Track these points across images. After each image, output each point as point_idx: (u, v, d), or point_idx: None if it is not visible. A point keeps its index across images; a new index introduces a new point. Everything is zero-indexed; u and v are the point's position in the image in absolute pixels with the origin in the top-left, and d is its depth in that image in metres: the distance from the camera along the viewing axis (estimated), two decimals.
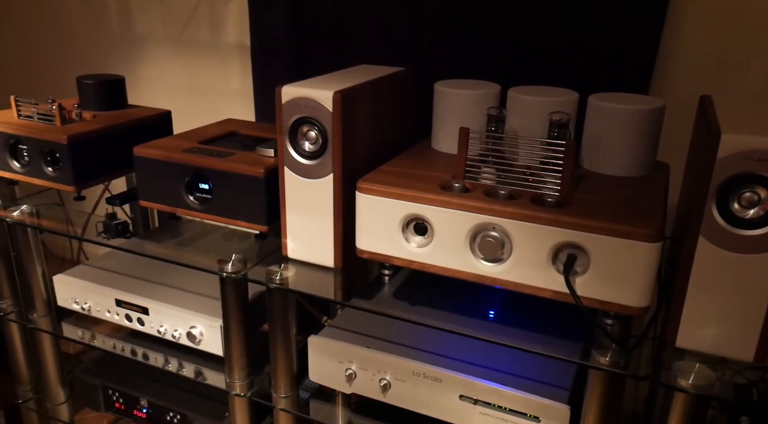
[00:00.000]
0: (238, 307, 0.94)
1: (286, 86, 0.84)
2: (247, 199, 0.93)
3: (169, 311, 1.04)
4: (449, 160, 0.90)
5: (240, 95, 1.67)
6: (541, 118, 0.86)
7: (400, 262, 0.83)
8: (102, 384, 1.18)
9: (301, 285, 0.89)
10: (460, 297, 0.94)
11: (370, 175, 0.85)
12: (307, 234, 0.90)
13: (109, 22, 1.80)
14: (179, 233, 1.19)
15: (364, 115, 0.89)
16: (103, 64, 1.85)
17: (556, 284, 0.74)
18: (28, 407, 1.28)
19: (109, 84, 1.21)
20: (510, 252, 0.76)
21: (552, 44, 1.16)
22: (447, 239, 0.78)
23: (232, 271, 0.91)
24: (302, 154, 0.86)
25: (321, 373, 0.93)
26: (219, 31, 1.64)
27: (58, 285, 1.15)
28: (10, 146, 1.10)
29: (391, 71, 0.99)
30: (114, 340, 1.15)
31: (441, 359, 0.87)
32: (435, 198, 0.78)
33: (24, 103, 1.12)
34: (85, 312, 1.13)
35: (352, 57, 1.33)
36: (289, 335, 0.93)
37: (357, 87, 0.86)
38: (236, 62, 1.64)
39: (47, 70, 1.99)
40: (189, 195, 0.98)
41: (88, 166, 1.08)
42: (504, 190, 0.79)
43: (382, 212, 0.81)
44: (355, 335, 0.93)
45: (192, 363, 1.09)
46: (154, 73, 1.78)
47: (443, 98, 0.94)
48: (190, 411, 1.11)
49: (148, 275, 1.16)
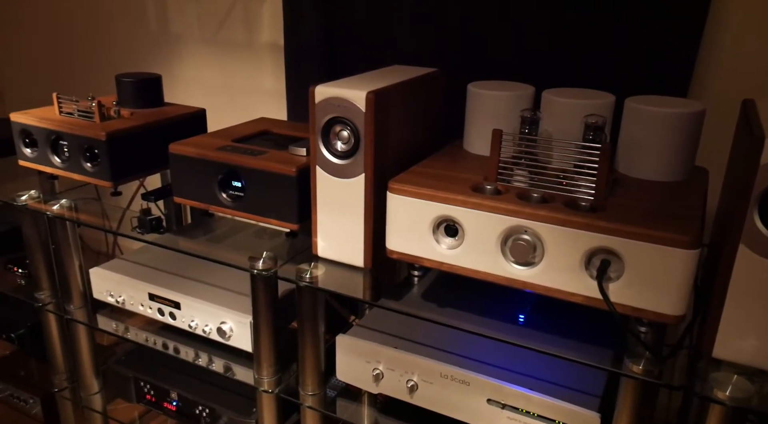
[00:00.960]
0: (268, 304, 0.95)
1: (319, 86, 0.85)
2: (278, 197, 0.94)
3: (201, 307, 1.06)
4: (481, 162, 0.90)
5: (273, 94, 1.69)
6: (575, 120, 0.84)
7: (430, 263, 0.83)
8: (134, 376, 1.21)
9: (330, 284, 0.89)
10: (489, 300, 0.94)
11: (401, 175, 0.84)
12: (337, 233, 0.91)
13: (147, 21, 1.83)
14: (211, 230, 1.20)
15: (396, 116, 0.89)
16: (140, 63, 1.89)
17: (589, 290, 0.73)
18: (64, 396, 1.31)
19: (147, 82, 1.23)
20: (542, 256, 0.75)
21: (588, 45, 1.14)
22: (478, 241, 0.78)
23: (262, 268, 0.92)
24: (334, 154, 0.86)
25: (348, 372, 0.93)
26: (253, 31, 1.66)
27: (94, 278, 1.18)
28: (51, 142, 1.13)
29: (424, 72, 0.99)
30: (146, 333, 1.17)
31: (469, 362, 0.87)
32: (466, 200, 0.77)
33: (65, 100, 1.15)
34: (120, 305, 1.16)
35: (384, 57, 1.33)
36: (317, 334, 0.94)
37: (390, 87, 0.86)
38: (269, 62, 1.66)
39: (87, 67, 2.04)
40: (222, 192, 0.99)
41: (124, 162, 1.11)
42: (537, 194, 0.78)
43: (413, 213, 0.81)
44: (382, 335, 0.93)
45: (221, 358, 1.10)
46: (189, 72, 1.81)
47: (476, 100, 0.93)
48: (219, 405, 1.12)
49: (180, 270, 1.18)
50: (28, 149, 1.16)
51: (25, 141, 1.16)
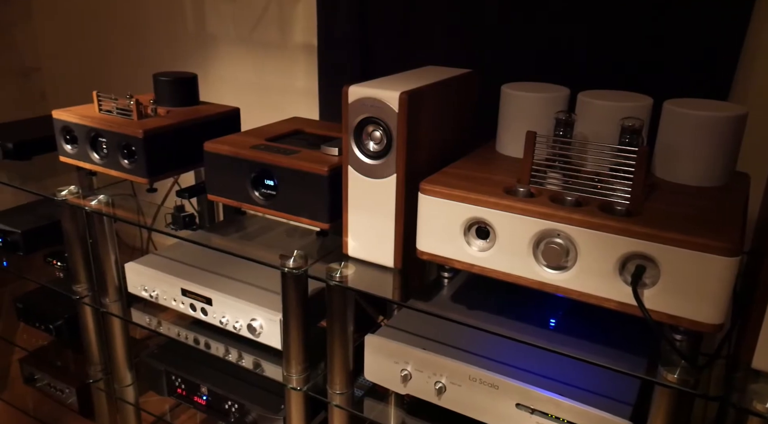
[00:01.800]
0: (298, 302, 0.96)
1: (353, 86, 0.85)
2: (310, 196, 0.94)
3: (232, 303, 1.07)
4: (514, 165, 0.89)
5: (305, 94, 1.70)
6: (612, 123, 0.83)
7: (460, 265, 0.82)
8: (166, 369, 1.23)
9: (360, 284, 0.90)
10: (520, 304, 0.93)
11: (433, 176, 0.84)
12: (368, 233, 0.91)
13: (184, 22, 1.87)
14: (243, 227, 1.22)
15: (429, 117, 0.88)
16: (177, 62, 1.93)
17: (622, 295, 0.72)
18: (98, 387, 1.34)
19: (183, 81, 1.26)
20: (575, 260, 0.74)
21: (625, 47, 1.12)
22: (509, 244, 0.77)
23: (293, 267, 0.93)
24: (366, 154, 0.87)
25: (376, 372, 0.93)
26: (287, 31, 1.67)
27: (129, 272, 1.20)
28: (91, 139, 1.15)
29: (457, 73, 0.98)
30: (179, 328, 1.20)
31: (498, 366, 0.86)
32: (499, 202, 0.77)
33: (105, 98, 1.17)
34: (153, 300, 1.18)
35: (417, 58, 1.33)
36: (346, 333, 0.94)
37: (423, 88, 0.86)
38: (302, 62, 1.67)
39: (126, 66, 2.09)
40: (255, 191, 1.00)
41: (160, 159, 1.13)
42: (570, 197, 0.77)
43: (444, 214, 0.81)
44: (411, 336, 0.93)
45: (251, 355, 1.11)
46: (224, 71, 1.84)
47: (510, 101, 0.92)
48: (248, 401, 1.14)
49: (212, 267, 1.19)
50: (68, 146, 1.20)
51: (66, 138, 1.19)
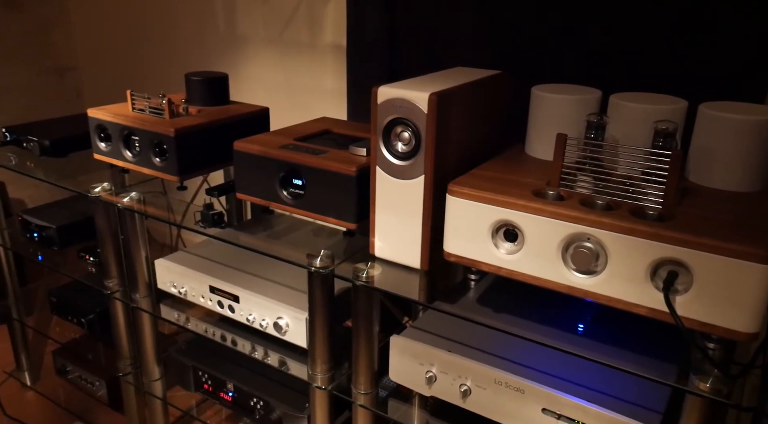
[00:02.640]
0: (324, 301, 0.96)
1: (382, 87, 0.85)
2: (338, 196, 0.95)
3: (258, 301, 1.08)
4: (544, 167, 0.88)
5: (333, 94, 1.71)
6: (644, 126, 0.82)
7: (488, 268, 0.82)
8: (193, 365, 1.25)
9: (386, 284, 0.90)
10: (547, 308, 0.92)
11: (461, 178, 0.84)
12: (395, 234, 0.91)
13: (215, 22, 1.89)
14: (271, 226, 1.23)
15: (458, 118, 0.88)
16: (208, 62, 1.95)
17: (653, 301, 0.71)
18: (127, 381, 1.37)
19: (214, 81, 1.27)
20: (605, 265, 0.73)
21: (659, 48, 1.10)
22: (538, 247, 0.76)
23: (320, 266, 0.93)
24: (395, 155, 0.87)
25: (401, 373, 0.93)
26: (316, 31, 1.68)
27: (159, 269, 1.22)
28: (124, 137, 1.18)
29: (487, 74, 0.98)
30: (206, 324, 1.21)
31: (524, 370, 0.85)
32: (528, 205, 0.76)
33: (138, 97, 1.20)
34: (182, 296, 1.20)
35: (447, 59, 1.33)
36: (371, 333, 0.94)
37: (452, 89, 0.86)
38: (331, 62, 1.68)
39: (159, 66, 2.12)
40: (283, 190, 1.01)
41: (191, 158, 1.14)
42: (601, 200, 0.76)
43: (472, 216, 0.80)
44: (437, 337, 0.93)
45: (276, 353, 1.12)
46: (253, 71, 1.86)
47: (540, 103, 0.91)
48: (273, 399, 1.15)
49: (240, 265, 1.21)
50: (102, 143, 1.22)
51: (100, 136, 1.22)
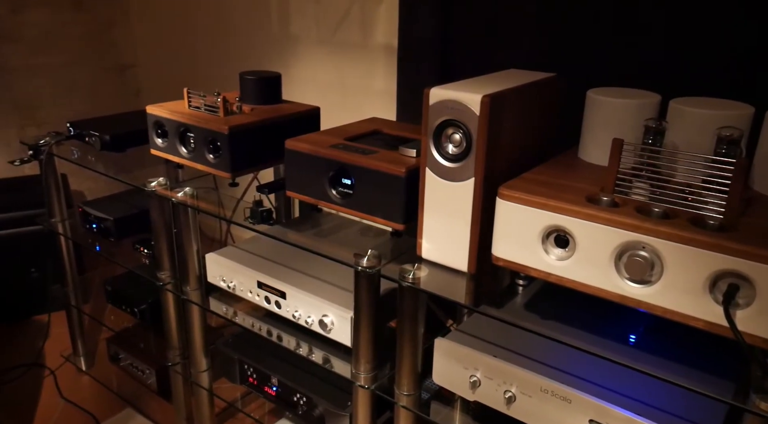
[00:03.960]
0: (370, 301, 0.96)
1: (434, 88, 0.85)
2: (386, 197, 0.95)
3: (305, 298, 1.09)
4: (597, 173, 0.86)
5: (383, 95, 1.71)
6: (706, 132, 0.79)
7: (537, 273, 0.80)
8: (239, 358, 1.27)
9: (432, 286, 0.89)
10: (597, 316, 0.90)
11: (512, 181, 0.83)
12: (442, 236, 0.90)
13: (269, 23, 1.93)
14: (318, 224, 1.24)
15: (510, 121, 0.87)
16: (261, 61, 1.99)
17: (712, 315, 0.68)
18: (176, 371, 1.41)
19: (267, 80, 1.30)
20: (660, 275, 0.71)
21: (723, 51, 1.06)
22: (590, 254, 0.74)
23: (367, 265, 0.93)
24: (445, 157, 0.86)
25: (445, 376, 0.93)
26: (368, 32, 1.69)
27: (209, 263, 1.25)
28: (180, 134, 1.21)
29: (541, 77, 0.96)
30: (253, 319, 1.23)
31: (571, 379, 0.83)
32: (580, 211, 0.74)
33: (194, 95, 1.23)
34: (230, 290, 1.22)
35: (500, 61, 1.31)
36: (416, 335, 0.94)
37: (505, 92, 0.84)
38: (382, 63, 1.69)
39: (215, 65, 2.18)
40: (332, 189, 1.02)
41: (243, 155, 1.17)
42: (658, 208, 0.74)
43: (523, 221, 0.79)
44: (482, 342, 0.92)
45: (321, 350, 1.13)
46: (305, 71, 1.88)
47: (596, 107, 0.89)
48: (316, 395, 1.16)
49: (287, 262, 1.22)
50: (159, 139, 1.26)
51: (157, 132, 1.26)
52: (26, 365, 1.78)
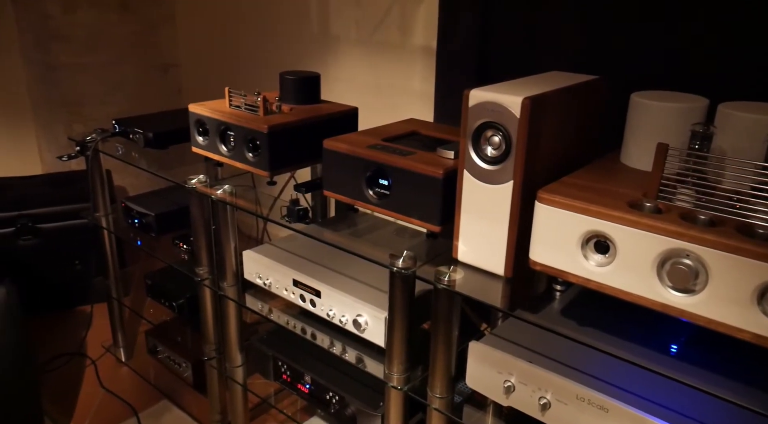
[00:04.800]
0: (404, 302, 0.96)
1: (474, 90, 0.84)
2: (423, 198, 0.95)
3: (340, 297, 1.10)
4: (640, 178, 0.84)
5: (421, 96, 1.71)
6: (757, 138, 0.76)
7: (575, 279, 0.79)
8: (273, 355, 1.29)
9: (468, 289, 0.89)
10: (637, 325, 0.88)
11: (552, 185, 0.82)
12: (479, 239, 0.90)
13: (310, 23, 1.94)
14: (354, 224, 1.25)
15: (551, 124, 0.86)
16: (301, 62, 2.01)
17: (759, 327, 0.66)
18: (211, 365, 1.43)
19: (306, 80, 1.31)
20: (704, 284, 0.69)
21: None
22: (631, 261, 0.73)
23: (402, 266, 0.93)
24: (483, 159, 0.86)
25: (478, 380, 0.92)
26: (407, 33, 1.69)
27: (246, 260, 1.27)
28: (220, 132, 1.23)
29: (584, 79, 0.95)
30: (287, 316, 1.25)
31: (609, 388, 0.82)
32: (622, 216, 0.73)
33: (235, 94, 1.25)
34: (266, 287, 1.24)
35: (541, 63, 1.30)
36: (450, 337, 0.94)
37: (546, 94, 0.83)
38: (420, 64, 1.69)
39: (255, 64, 2.21)
40: (369, 189, 1.02)
41: (282, 154, 1.18)
42: (704, 215, 0.71)
43: (562, 225, 0.78)
44: (517, 347, 0.91)
45: (354, 349, 1.14)
46: (343, 71, 1.89)
47: (641, 110, 0.87)
48: (348, 394, 1.16)
49: (322, 261, 1.23)
50: (200, 138, 1.28)
51: (198, 130, 1.28)
52: (69, 353, 1.84)
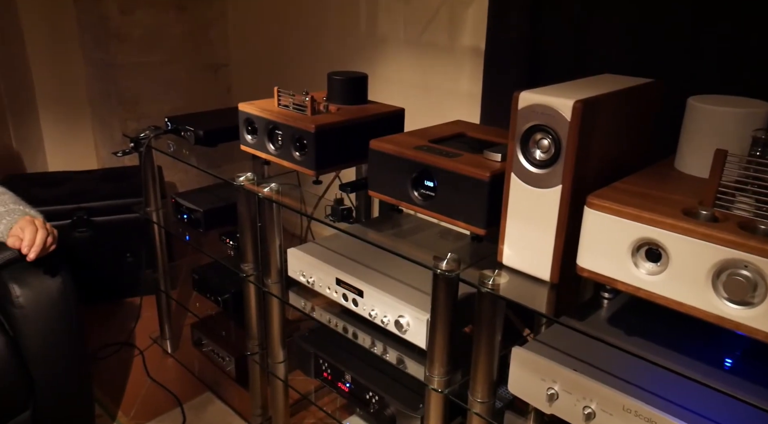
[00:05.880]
0: (447, 305, 0.96)
1: (524, 92, 0.83)
2: (469, 200, 0.94)
3: (382, 298, 1.10)
4: (696, 185, 0.81)
5: (468, 97, 1.70)
6: None
7: (625, 287, 0.77)
8: (315, 353, 1.30)
9: (512, 294, 0.88)
10: (689, 336, 0.85)
11: (602, 190, 0.80)
12: (525, 243, 0.88)
13: (358, 24, 1.96)
14: (398, 225, 1.25)
15: (603, 128, 0.84)
16: (348, 62, 2.03)
17: None
18: (254, 360, 1.45)
19: (354, 81, 1.31)
20: (763, 297, 0.66)
21: None
22: (685, 270, 0.71)
23: (446, 269, 0.93)
24: (532, 162, 0.84)
25: (521, 386, 0.91)
26: (456, 34, 1.68)
27: (291, 257, 1.28)
28: (269, 131, 1.25)
29: (638, 82, 0.92)
30: (330, 315, 1.26)
31: (656, 400, 0.79)
32: (677, 224, 0.70)
33: (284, 94, 1.27)
34: (309, 285, 1.25)
35: (592, 66, 1.27)
36: (493, 342, 0.93)
37: (599, 97, 0.82)
38: (468, 65, 1.67)
39: (304, 65, 2.23)
40: (414, 190, 1.02)
41: (328, 153, 1.19)
42: (764, 225, 0.69)
43: (612, 232, 0.76)
44: (561, 354, 0.89)
45: (395, 350, 1.14)
46: (390, 72, 1.90)
47: (698, 115, 0.84)
48: (388, 395, 1.16)
49: (365, 260, 1.24)
50: (249, 136, 1.31)
51: (247, 129, 1.31)
52: (119, 343, 1.90)
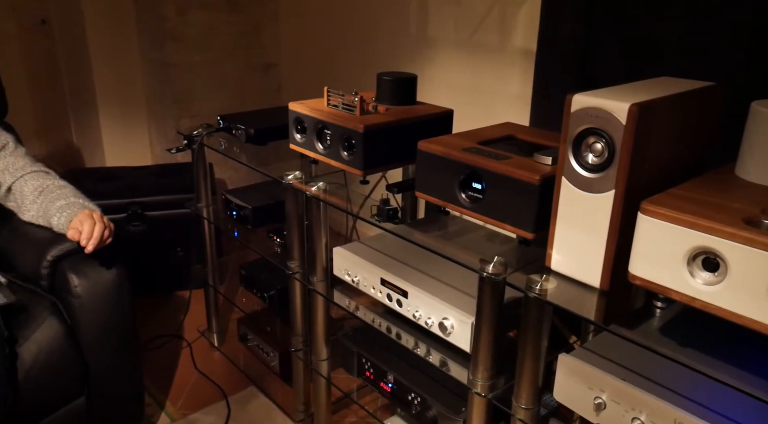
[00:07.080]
0: (493, 309, 0.95)
1: (577, 94, 0.82)
2: (518, 204, 0.93)
3: (426, 299, 1.10)
4: (758, 193, 0.78)
5: (517, 99, 1.68)
6: None
7: (679, 297, 0.75)
8: (358, 352, 1.31)
9: (560, 299, 0.86)
10: (744, 350, 0.82)
11: (658, 196, 0.77)
12: (574, 248, 0.87)
13: (408, 25, 1.96)
14: (443, 227, 1.25)
15: (659, 132, 0.82)
16: (397, 63, 2.03)
17: None
18: (298, 356, 1.47)
19: (403, 81, 1.32)
20: None
21: None
22: (745, 282, 0.68)
23: (492, 272, 0.92)
24: (584, 166, 0.83)
25: (567, 394, 0.89)
26: (507, 35, 1.67)
27: (336, 256, 1.30)
28: (318, 130, 1.27)
29: (697, 86, 0.89)
30: (373, 314, 1.26)
31: (709, 413, 0.77)
32: (737, 233, 0.68)
33: (333, 94, 1.28)
34: (354, 284, 1.26)
35: (648, 68, 1.24)
36: (539, 348, 0.91)
37: (655, 101, 0.79)
38: (519, 67, 1.65)
39: (354, 65, 2.25)
40: (462, 192, 1.02)
41: (376, 154, 1.20)
42: None
43: (667, 239, 0.74)
44: (609, 363, 0.87)
45: (438, 352, 1.13)
46: (439, 73, 1.89)
47: (762, 120, 0.81)
48: (431, 397, 1.16)
49: (410, 261, 1.24)
50: (298, 135, 1.33)
51: (297, 128, 1.33)
52: (168, 335, 1.96)
